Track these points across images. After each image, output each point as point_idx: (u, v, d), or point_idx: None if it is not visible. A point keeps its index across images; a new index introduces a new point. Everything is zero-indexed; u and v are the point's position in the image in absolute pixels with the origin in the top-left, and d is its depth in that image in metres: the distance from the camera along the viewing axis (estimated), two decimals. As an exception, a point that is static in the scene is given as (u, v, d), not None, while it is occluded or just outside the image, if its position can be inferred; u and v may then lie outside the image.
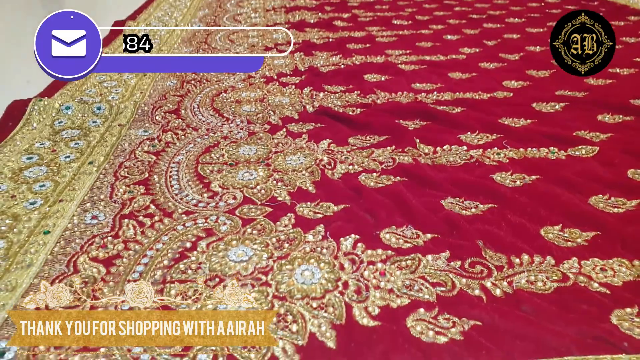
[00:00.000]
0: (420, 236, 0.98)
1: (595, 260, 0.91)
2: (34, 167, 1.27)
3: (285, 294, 0.84)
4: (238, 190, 1.15)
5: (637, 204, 1.08)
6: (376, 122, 1.49)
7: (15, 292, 0.86)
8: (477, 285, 0.85)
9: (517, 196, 1.10)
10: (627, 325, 0.76)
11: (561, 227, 1.00)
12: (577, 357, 0.71)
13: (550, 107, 1.60)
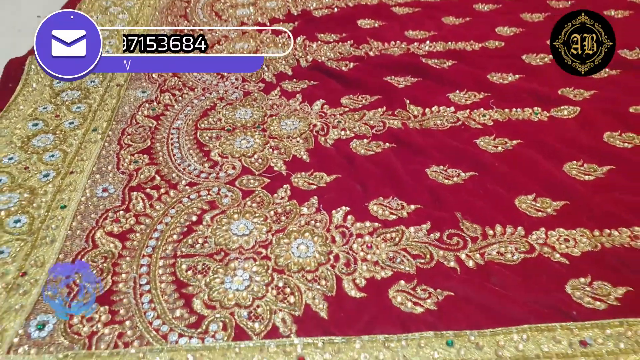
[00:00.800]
0: (404, 207, 1.08)
1: (560, 231, 1.02)
2: (40, 134, 1.34)
3: (283, 267, 0.95)
4: (237, 159, 1.24)
5: (607, 170, 1.17)
6: (368, 79, 1.53)
7: (45, 267, 0.97)
8: (453, 257, 0.97)
9: (497, 164, 1.19)
10: (578, 294, 0.89)
11: (535, 196, 1.10)
12: (532, 325, 0.84)
13: (539, 60, 1.64)
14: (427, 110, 1.40)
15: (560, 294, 0.89)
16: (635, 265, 0.94)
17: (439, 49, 1.71)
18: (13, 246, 1.01)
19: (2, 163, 1.24)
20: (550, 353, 0.79)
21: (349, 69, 1.61)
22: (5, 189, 1.16)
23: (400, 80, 1.54)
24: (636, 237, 1.00)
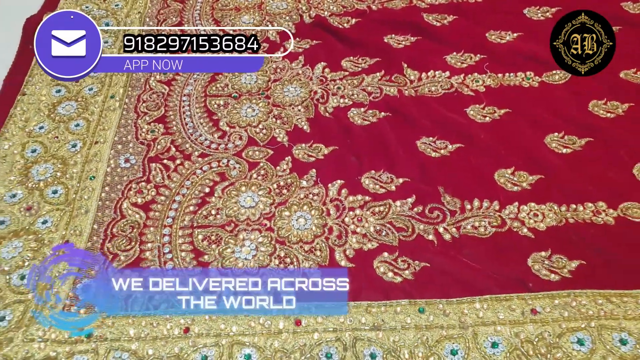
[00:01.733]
0: (393, 180, 1.21)
1: (531, 205, 1.14)
2: (64, 102, 1.46)
3: (285, 238, 1.11)
4: (243, 129, 1.35)
5: (585, 143, 1.27)
6: (369, 39, 1.59)
7: (83, 236, 1.14)
8: (432, 230, 1.11)
9: (483, 136, 1.29)
10: (537, 267, 1.04)
11: (513, 169, 1.21)
12: (493, 295, 0.99)
13: (541, 14, 1.66)
14: (423, 75, 1.47)
15: (522, 266, 1.04)
16: (591, 240, 1.07)
17: (441, 1, 1.73)
18: (54, 216, 1.18)
19: (34, 132, 1.38)
20: (505, 320, 0.96)
21: (351, 26, 1.66)
22: (41, 159, 1.30)
23: (400, 39, 1.59)
24: (598, 213, 1.12)
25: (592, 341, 0.92)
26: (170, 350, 0.93)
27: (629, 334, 0.92)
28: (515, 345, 0.92)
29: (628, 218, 1.10)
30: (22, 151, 1.32)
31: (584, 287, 0.99)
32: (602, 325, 0.94)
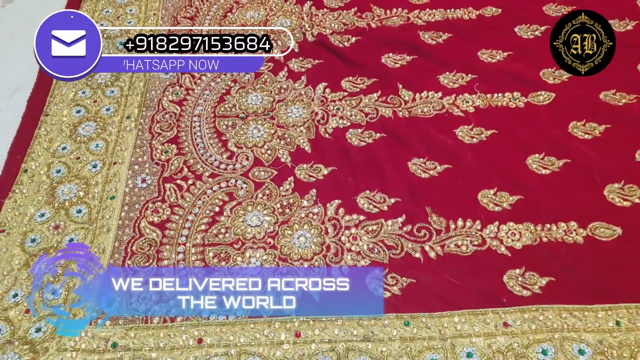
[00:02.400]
0: (386, 200, 1.34)
1: (510, 225, 1.27)
2: (84, 122, 1.60)
3: (287, 255, 1.25)
4: (249, 150, 1.49)
5: (563, 164, 1.38)
6: (367, 59, 1.70)
7: (106, 253, 1.29)
8: (419, 248, 1.25)
9: (470, 158, 1.41)
10: (511, 284, 1.17)
11: (496, 190, 1.34)
12: (470, 310, 1.13)
13: (530, 33, 1.76)
14: (417, 95, 1.58)
15: (498, 282, 1.17)
16: (561, 258, 1.20)
17: (437, 17, 1.83)
18: (80, 234, 1.33)
19: (58, 152, 1.52)
20: (479, 332, 1.10)
21: (351, 44, 1.77)
22: (65, 180, 1.45)
23: (397, 58, 1.70)
24: (569, 232, 1.25)
25: (554, 352, 1.06)
26: (186, 358, 1.08)
27: (587, 345, 1.06)
28: (487, 356, 1.06)
29: (596, 237, 1.23)
30: (47, 171, 1.47)
31: (551, 302, 1.13)
32: (564, 337, 1.08)
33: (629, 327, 1.08)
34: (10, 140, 1.55)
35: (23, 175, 1.45)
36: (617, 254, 1.20)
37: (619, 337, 1.07)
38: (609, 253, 1.20)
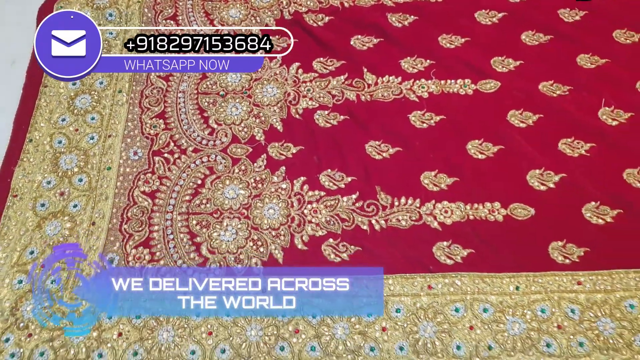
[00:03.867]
0: (343, 179, 1.60)
1: (444, 203, 1.55)
2: (80, 95, 1.81)
3: (258, 225, 1.54)
4: (228, 127, 1.73)
5: (497, 150, 1.64)
6: (338, 41, 1.90)
7: (105, 218, 1.57)
8: (367, 221, 1.53)
9: (418, 143, 1.66)
10: (438, 254, 1.47)
11: (436, 172, 1.61)
12: (402, 274, 1.43)
13: (488, 19, 1.96)
14: (379, 80, 1.81)
15: (428, 252, 1.47)
16: (482, 233, 1.49)
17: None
18: (82, 201, 1.60)
19: (58, 124, 1.75)
20: (408, 293, 1.41)
21: (324, 24, 1.96)
22: (66, 150, 1.69)
23: (365, 41, 1.90)
24: (493, 211, 1.53)
25: (465, 309, 1.37)
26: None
27: (491, 304, 1.38)
28: (412, 311, 1.38)
29: (513, 217, 1.52)
30: (50, 142, 1.70)
31: (468, 270, 1.43)
32: (474, 298, 1.39)
33: (525, 291, 1.39)
34: (13, 110, 1.77)
35: (29, 144, 1.69)
36: (528, 231, 1.49)
37: (516, 299, 1.38)
38: (521, 230, 1.49)
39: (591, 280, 1.40)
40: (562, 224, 1.49)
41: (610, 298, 1.38)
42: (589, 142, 1.63)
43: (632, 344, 1.31)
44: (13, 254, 1.48)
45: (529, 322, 1.35)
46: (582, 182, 1.56)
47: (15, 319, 1.38)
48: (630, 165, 1.58)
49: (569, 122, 1.67)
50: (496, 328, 1.34)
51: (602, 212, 1.51)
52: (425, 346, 1.32)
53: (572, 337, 1.33)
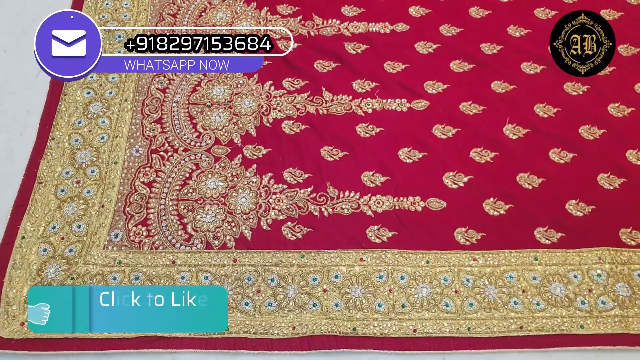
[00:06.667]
0: (302, 175, 1.90)
1: (377, 196, 1.85)
2: (93, 102, 2.08)
3: (232, 210, 1.82)
4: (212, 132, 2.01)
5: (422, 156, 1.94)
6: (303, 64, 2.17)
7: (112, 202, 1.84)
8: (318, 209, 1.83)
9: (361, 149, 1.95)
10: (370, 234, 1.76)
11: (373, 172, 1.90)
12: (342, 249, 1.73)
13: (427, 49, 2.25)
14: (334, 97, 2.10)
15: (362, 233, 1.77)
16: (404, 220, 1.78)
17: (361, 30, 2.29)
18: (94, 188, 1.87)
19: (75, 125, 2.01)
20: (344, 264, 1.70)
21: (293, 49, 2.23)
22: (82, 147, 1.96)
23: (325, 65, 2.18)
24: (414, 203, 1.83)
25: (386, 277, 1.67)
26: (164, 272, 1.68)
27: (406, 273, 1.68)
28: (347, 278, 1.68)
29: (429, 208, 1.82)
30: (69, 140, 1.96)
31: (391, 247, 1.73)
32: (394, 269, 1.69)
33: (433, 264, 1.70)
34: (39, 113, 2.03)
35: (51, 142, 1.95)
36: (439, 219, 1.79)
37: (426, 270, 1.69)
38: (434, 218, 1.79)
39: (484, 258, 1.71)
40: (466, 215, 1.80)
41: (496, 271, 1.69)
42: (493, 152, 1.94)
43: (507, 304, 1.63)
44: (39, 228, 1.75)
45: (434, 287, 1.66)
46: (485, 182, 1.86)
47: (41, 279, 1.65)
48: (522, 170, 1.89)
49: (480, 135, 1.97)
50: (409, 291, 1.65)
51: (497, 206, 1.82)
52: (354, 303, 1.62)
53: (465, 299, 1.64)
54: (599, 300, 1.64)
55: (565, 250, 1.73)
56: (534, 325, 1.59)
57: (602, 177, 1.89)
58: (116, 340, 1.53)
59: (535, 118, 2.02)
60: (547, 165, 1.91)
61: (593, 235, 1.77)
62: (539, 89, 2.10)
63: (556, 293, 1.65)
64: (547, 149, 1.95)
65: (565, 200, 1.83)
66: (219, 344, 1.54)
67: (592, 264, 1.70)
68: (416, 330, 1.58)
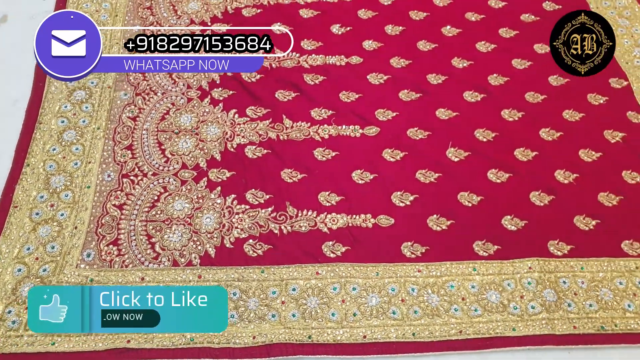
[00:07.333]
0: (263, 196, 2.04)
1: (333, 215, 2.00)
2: (67, 130, 2.18)
3: (198, 229, 1.94)
4: (180, 157, 2.13)
5: (373, 177, 2.10)
6: (266, 93, 2.33)
7: (84, 224, 1.94)
8: (278, 227, 1.96)
9: (318, 171, 2.11)
10: (325, 249, 1.90)
11: (329, 193, 2.06)
12: (299, 264, 1.86)
13: (378, 80, 2.44)
14: (294, 124, 2.25)
15: (318, 249, 1.91)
16: (356, 235, 1.93)
17: (319, 63, 2.47)
18: (67, 210, 1.97)
19: (50, 152, 2.11)
20: (302, 277, 1.83)
21: (256, 80, 2.39)
22: (56, 172, 2.06)
23: (286, 94, 2.35)
24: (365, 220, 1.99)
25: (339, 288, 1.81)
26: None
27: (358, 285, 1.82)
28: (304, 290, 1.81)
29: (379, 224, 1.97)
30: (43, 166, 2.06)
31: (344, 261, 1.88)
32: (347, 280, 1.83)
33: (382, 276, 1.85)
34: (15, 141, 2.12)
35: (27, 167, 2.05)
36: (388, 234, 1.95)
37: (375, 281, 1.83)
38: (384, 234, 1.95)
39: (427, 269, 1.87)
40: (412, 230, 1.96)
41: (438, 281, 1.85)
42: (437, 173, 2.11)
43: (448, 311, 1.78)
44: (14, 250, 1.83)
45: (383, 297, 1.80)
46: (429, 201, 2.03)
47: (16, 297, 1.73)
48: (463, 189, 2.07)
49: (425, 158, 2.15)
50: (360, 301, 1.79)
51: (440, 222, 1.98)
52: (310, 313, 1.76)
53: (410, 307, 1.79)
54: (529, 305, 1.80)
55: (501, 261, 1.90)
56: (472, 329, 1.75)
57: (533, 195, 2.07)
58: (86, 353, 1.62)
59: (475, 142, 2.21)
60: (485, 184, 2.09)
61: (525, 247, 1.94)
62: (479, 116, 2.29)
63: (492, 300, 1.81)
64: (486, 169, 2.13)
65: (501, 216, 2.01)
66: (185, 353, 1.65)
67: (523, 273, 1.87)
68: (366, 336, 1.71)
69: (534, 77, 2.45)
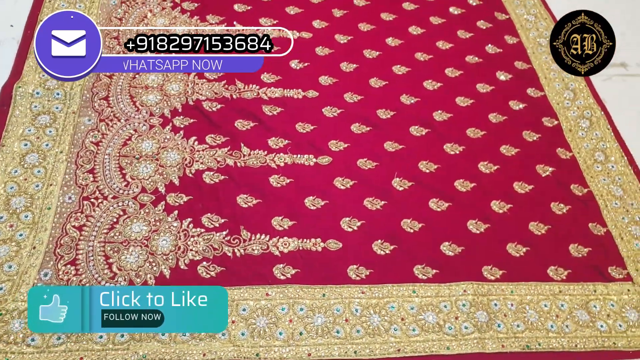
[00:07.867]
0: (219, 220, 2.13)
1: (285, 238, 2.11)
2: (30, 153, 2.24)
3: (154, 251, 2.02)
4: (139, 181, 2.22)
5: (324, 204, 2.24)
6: (225, 122, 2.45)
7: (43, 244, 1.98)
8: (232, 250, 2.06)
9: (273, 197, 2.22)
10: (276, 272, 2.00)
11: (282, 217, 2.17)
12: (249, 285, 1.96)
13: (332, 113, 2.59)
14: (251, 152, 2.37)
15: (270, 271, 2.01)
16: (306, 258, 2.04)
17: (277, 95, 2.61)
18: (26, 231, 2.01)
19: (12, 174, 2.16)
20: (251, 298, 1.93)
21: (217, 110, 2.51)
22: (17, 194, 2.11)
23: (245, 124, 2.47)
24: (316, 244, 2.10)
25: (288, 308, 1.91)
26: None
27: (305, 306, 1.93)
28: (253, 310, 1.90)
29: (328, 248, 2.10)
30: (4, 187, 2.11)
31: (294, 283, 1.98)
32: (295, 302, 1.93)
33: (328, 297, 1.96)
34: (-24, 163, 2.16)
35: (-13, 189, 2.09)
36: (336, 258, 2.07)
37: (322, 302, 1.94)
38: (332, 257, 2.07)
39: (371, 291, 1.99)
40: (358, 254, 2.09)
41: (380, 302, 1.97)
42: (383, 201, 2.26)
43: (388, 330, 1.90)
44: (-30, 269, 1.86)
45: (328, 317, 1.91)
46: (374, 227, 2.17)
47: (-31, 316, 1.76)
48: (406, 217, 2.22)
49: (372, 187, 2.30)
50: (306, 320, 1.89)
51: (384, 247, 2.12)
52: (259, 332, 1.85)
53: (353, 326, 1.90)
54: (462, 326, 1.94)
55: (438, 284, 2.04)
56: (410, 348, 1.87)
57: (471, 223, 2.24)
58: (39, 370, 1.66)
59: (419, 173, 2.38)
60: (426, 212, 2.25)
61: (461, 271, 2.10)
62: (423, 149, 2.47)
63: (429, 320, 1.94)
64: (428, 199, 2.29)
65: (440, 242, 2.16)
66: (136, 371, 1.70)
67: (458, 295, 2.02)
68: (310, 354, 1.81)
69: (476, 114, 2.66)
